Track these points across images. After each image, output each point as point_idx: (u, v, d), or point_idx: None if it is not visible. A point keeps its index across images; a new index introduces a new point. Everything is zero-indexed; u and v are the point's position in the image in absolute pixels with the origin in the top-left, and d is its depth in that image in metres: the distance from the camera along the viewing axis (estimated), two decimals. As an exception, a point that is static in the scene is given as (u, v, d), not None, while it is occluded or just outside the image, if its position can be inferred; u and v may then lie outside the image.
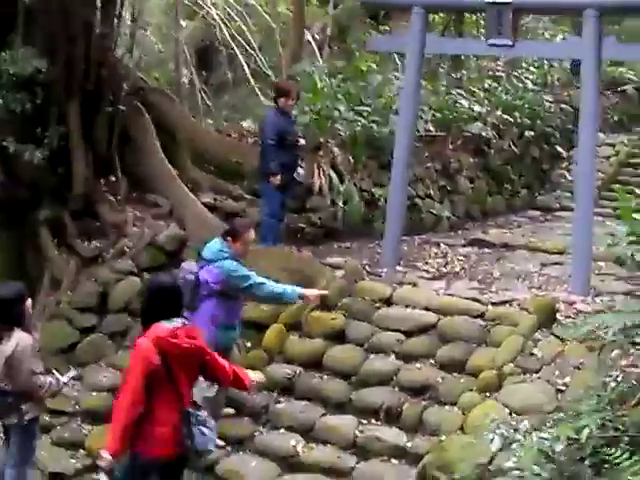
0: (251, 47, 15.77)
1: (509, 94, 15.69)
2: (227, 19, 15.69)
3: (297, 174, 10.65)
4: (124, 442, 5.85)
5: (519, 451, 5.83)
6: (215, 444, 6.44)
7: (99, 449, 6.11)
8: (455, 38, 13.99)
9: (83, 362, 9.31)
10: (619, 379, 6.19)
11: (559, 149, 16.42)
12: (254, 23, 16.07)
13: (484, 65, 17.01)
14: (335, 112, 12.03)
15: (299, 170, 10.74)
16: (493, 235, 12.66)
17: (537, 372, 7.80)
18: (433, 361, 8.61)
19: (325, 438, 8.23)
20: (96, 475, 6.49)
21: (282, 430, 8.40)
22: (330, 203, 11.67)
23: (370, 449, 8.02)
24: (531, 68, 17.26)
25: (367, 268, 10.22)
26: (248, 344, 9.19)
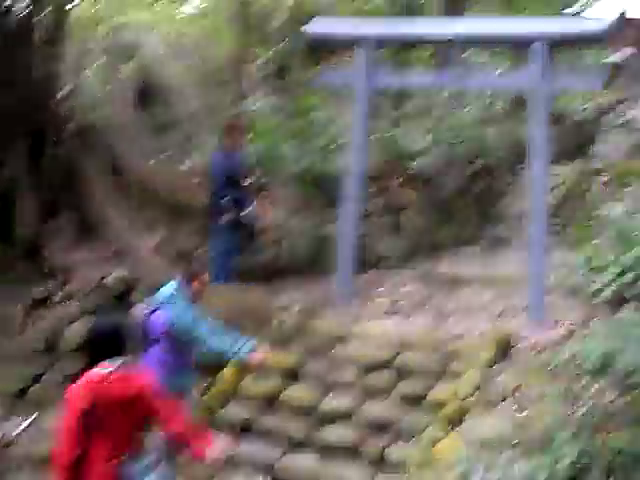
0: (193, 86, 15.69)
1: (452, 129, 15.79)
2: (165, 60, 15.61)
3: (247, 212, 10.59)
4: None
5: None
6: None
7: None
8: (402, 71, 14.00)
9: (35, 406, 9.05)
10: (587, 408, 6.17)
11: (504, 181, 16.53)
12: (194, 63, 16.00)
13: (427, 99, 17.11)
14: (280, 150, 12.00)
15: (249, 208, 10.68)
16: (444, 268, 12.64)
17: (499, 404, 7.76)
18: (393, 396, 8.53)
19: (286, 477, 8.09)
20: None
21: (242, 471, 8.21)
22: (278, 241, 11.60)
23: (333, 488, 7.87)
24: (474, 102, 17.39)
25: (321, 305, 10.14)
26: (204, 385, 9.00)
